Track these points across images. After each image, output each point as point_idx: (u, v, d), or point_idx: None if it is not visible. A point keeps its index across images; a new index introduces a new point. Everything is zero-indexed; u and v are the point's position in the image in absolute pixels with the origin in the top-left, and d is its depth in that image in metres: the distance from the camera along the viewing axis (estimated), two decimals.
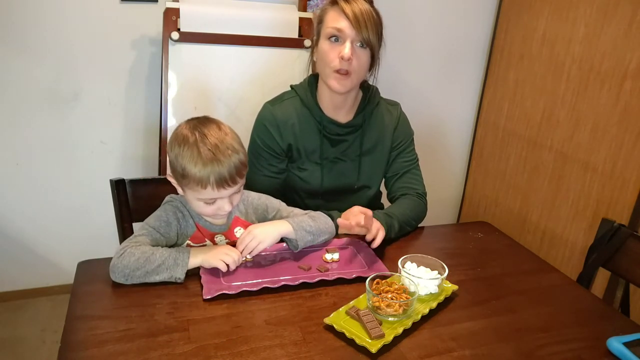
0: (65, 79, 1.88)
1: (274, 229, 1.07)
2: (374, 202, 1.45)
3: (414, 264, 1.02)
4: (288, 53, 1.90)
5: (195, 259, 1.00)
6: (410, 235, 1.29)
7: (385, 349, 0.83)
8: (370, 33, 1.17)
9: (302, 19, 1.91)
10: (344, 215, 1.25)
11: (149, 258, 0.96)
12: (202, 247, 1.08)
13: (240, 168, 1.01)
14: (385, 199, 1.45)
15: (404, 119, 1.41)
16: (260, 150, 1.31)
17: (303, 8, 1.97)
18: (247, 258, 1.07)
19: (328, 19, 1.20)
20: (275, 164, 1.32)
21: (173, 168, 1.03)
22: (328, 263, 1.09)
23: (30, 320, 2.00)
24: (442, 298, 0.98)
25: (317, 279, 1.01)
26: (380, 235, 1.14)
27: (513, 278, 1.12)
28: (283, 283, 0.98)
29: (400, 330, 0.87)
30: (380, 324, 0.86)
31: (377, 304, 0.90)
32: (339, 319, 0.88)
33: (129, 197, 1.29)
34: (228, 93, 1.86)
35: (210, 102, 1.84)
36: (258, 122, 1.32)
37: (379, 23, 1.21)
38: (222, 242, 1.12)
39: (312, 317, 0.91)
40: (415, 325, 0.90)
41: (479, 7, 2.34)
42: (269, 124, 1.29)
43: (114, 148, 2.03)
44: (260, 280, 0.99)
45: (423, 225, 1.35)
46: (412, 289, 0.95)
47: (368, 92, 1.35)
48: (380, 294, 0.92)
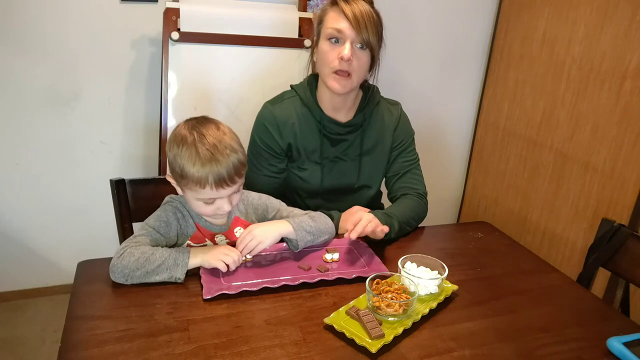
0: (65, 79, 1.88)
1: (274, 229, 1.07)
2: (374, 202, 1.45)
3: (414, 264, 1.02)
4: (288, 53, 1.90)
5: (195, 259, 1.00)
6: (410, 235, 1.29)
7: (385, 349, 0.83)
8: (370, 34, 1.17)
9: (302, 19, 1.91)
10: (344, 216, 1.25)
11: (149, 258, 0.96)
12: (202, 247, 1.07)
13: (239, 168, 1.01)
14: (386, 199, 1.45)
15: (405, 119, 1.41)
16: (260, 150, 1.31)
17: (303, 8, 1.97)
18: (247, 258, 1.06)
19: (328, 20, 1.20)
20: (275, 164, 1.32)
21: (172, 168, 1.03)
22: (328, 263, 1.09)
23: (30, 320, 2.00)
24: (442, 298, 0.98)
25: (317, 279, 1.01)
26: (374, 225, 1.11)
27: (513, 278, 1.12)
28: (283, 283, 0.98)
29: (400, 330, 0.87)
30: (380, 324, 0.86)
31: (377, 304, 0.90)
32: (339, 319, 0.88)
33: (129, 197, 1.29)
34: (228, 93, 1.86)
35: (210, 102, 1.84)
36: (258, 121, 1.32)
37: (379, 24, 1.21)
38: (222, 242, 1.12)
39: (312, 317, 0.91)
40: (415, 325, 0.90)
41: (479, 7, 2.34)
42: (269, 124, 1.29)
43: (114, 148, 2.03)
44: (260, 280, 0.99)
45: (423, 225, 1.35)
46: (412, 289, 0.95)
47: (368, 91, 1.35)
48: (380, 294, 0.92)
